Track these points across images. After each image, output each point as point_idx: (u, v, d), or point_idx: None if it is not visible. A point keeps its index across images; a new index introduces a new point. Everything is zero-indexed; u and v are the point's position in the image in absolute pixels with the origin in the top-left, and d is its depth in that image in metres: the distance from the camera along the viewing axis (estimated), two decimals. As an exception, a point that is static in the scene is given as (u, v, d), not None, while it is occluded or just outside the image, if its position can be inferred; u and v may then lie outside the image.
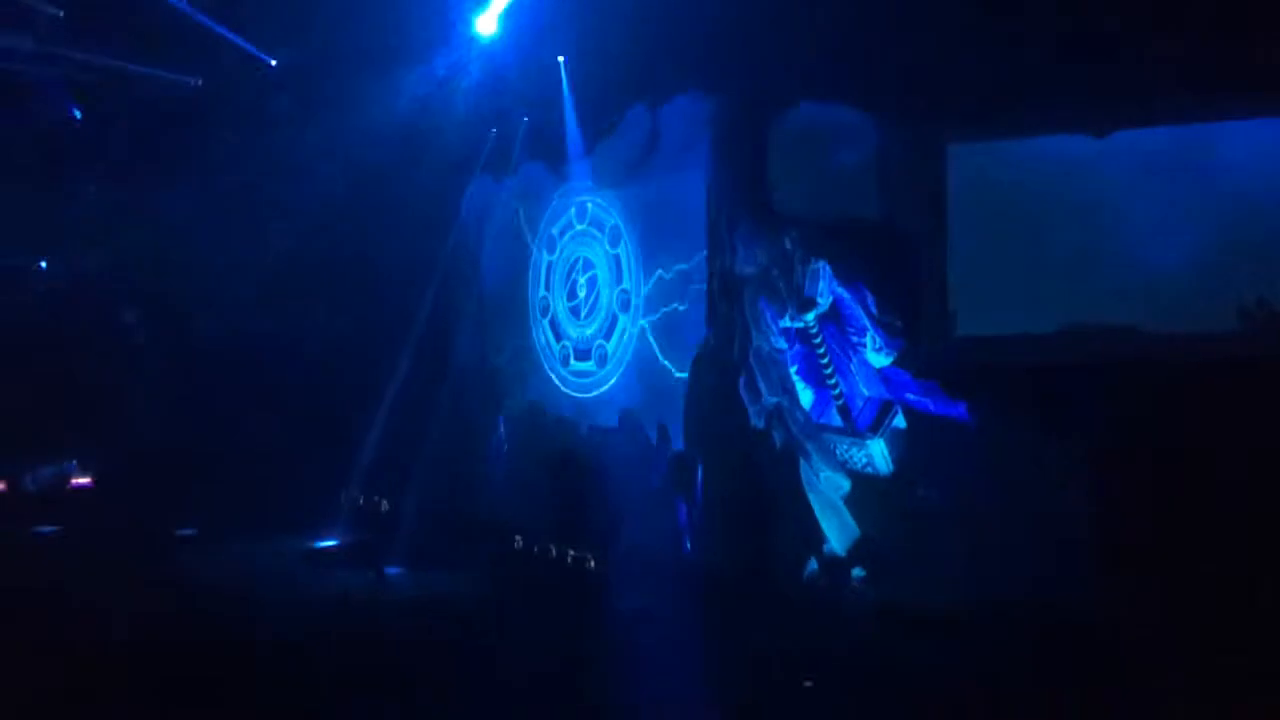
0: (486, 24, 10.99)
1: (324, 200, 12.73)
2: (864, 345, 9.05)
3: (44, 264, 13.86)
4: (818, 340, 9.34)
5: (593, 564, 9.66)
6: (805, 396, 9.47)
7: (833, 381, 9.31)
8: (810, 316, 9.30)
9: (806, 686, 6.04)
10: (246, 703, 6.83)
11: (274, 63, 11.63)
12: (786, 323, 9.46)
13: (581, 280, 11.84)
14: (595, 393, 11.54)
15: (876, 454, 9.09)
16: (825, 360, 9.31)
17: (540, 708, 6.92)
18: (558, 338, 12.11)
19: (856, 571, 9.11)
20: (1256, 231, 7.39)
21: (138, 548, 10.87)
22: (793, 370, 9.50)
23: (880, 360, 8.91)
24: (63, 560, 10.43)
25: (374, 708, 6.86)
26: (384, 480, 13.09)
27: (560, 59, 11.26)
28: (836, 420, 9.30)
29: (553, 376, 12.15)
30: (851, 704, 6.77)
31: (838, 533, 9.30)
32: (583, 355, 11.73)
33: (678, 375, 10.44)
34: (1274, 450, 6.88)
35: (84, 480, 13.24)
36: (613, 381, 11.31)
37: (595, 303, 11.64)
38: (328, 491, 13.08)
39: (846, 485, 9.30)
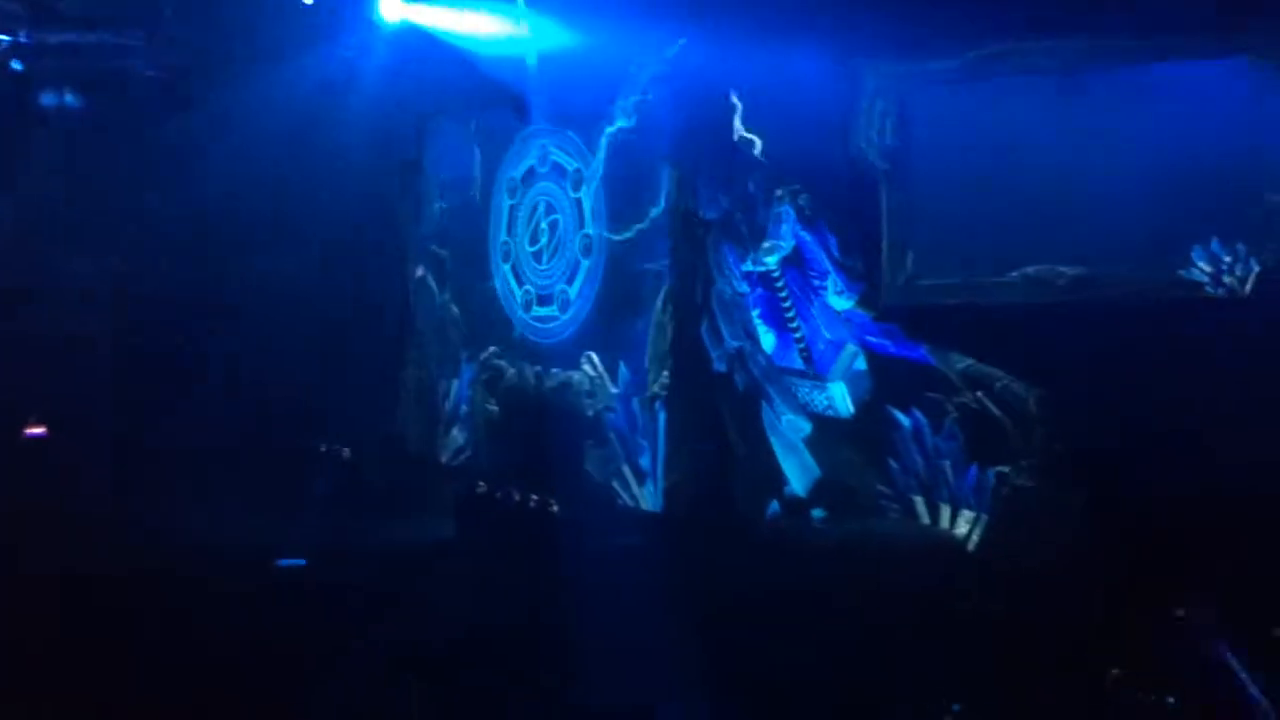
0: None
1: (273, 146, 12.51)
2: (825, 288, 9.08)
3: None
4: (780, 284, 9.34)
5: (555, 508, 9.69)
6: (767, 340, 9.50)
7: (794, 325, 9.34)
8: (772, 260, 9.29)
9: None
10: (202, 650, 6.82)
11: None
12: (749, 266, 9.45)
13: (544, 224, 11.74)
14: (558, 338, 11.49)
15: (837, 397, 9.16)
16: (787, 304, 9.33)
17: (504, 650, 6.97)
18: (520, 283, 12.03)
19: (817, 513, 9.22)
20: (1216, 175, 7.43)
21: (91, 497, 10.76)
22: (755, 314, 9.51)
23: (842, 303, 8.94)
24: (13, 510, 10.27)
25: (335, 654, 6.88)
26: (345, 428, 13.02)
27: (520, -4, 11.06)
28: (798, 363, 9.35)
29: (514, 322, 12.08)
30: (811, 640, 6.87)
31: (799, 475, 9.39)
32: (545, 300, 11.67)
33: (640, 319, 10.41)
34: (1230, 390, 6.98)
35: (38, 430, 13.04)
36: (576, 326, 11.27)
37: (558, 247, 11.55)
38: (288, 440, 12.99)
39: (808, 428, 9.38)
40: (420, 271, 13.20)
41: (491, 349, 12.28)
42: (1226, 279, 7.24)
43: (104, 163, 13.17)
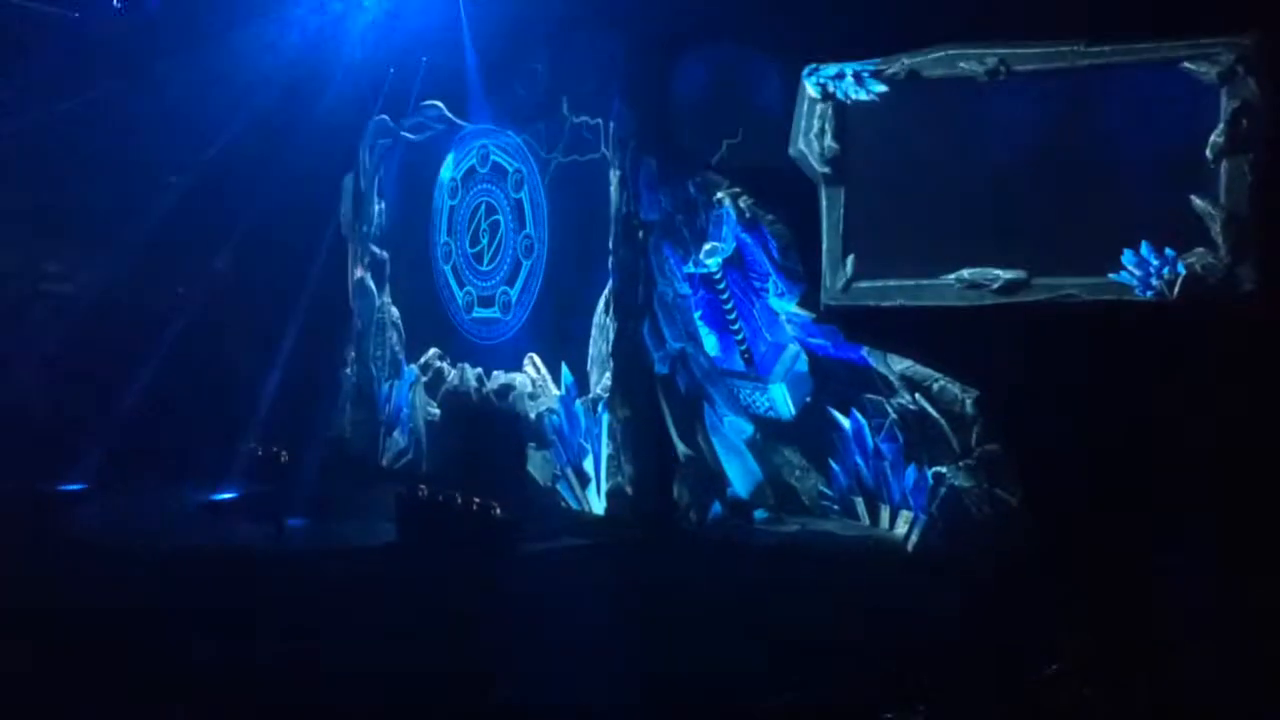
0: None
1: (212, 144, 12.31)
2: (767, 290, 9.13)
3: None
4: (721, 285, 9.38)
5: (498, 510, 9.62)
6: (709, 342, 9.53)
7: (736, 327, 9.38)
8: (714, 262, 9.32)
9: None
10: (141, 661, 6.67)
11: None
12: (690, 268, 9.47)
13: (484, 226, 11.68)
14: (499, 340, 11.44)
15: (778, 398, 9.23)
16: (729, 305, 9.37)
17: (446, 652, 6.91)
18: (460, 285, 11.95)
19: (759, 513, 9.28)
20: (1146, 179, 7.60)
21: (21, 504, 10.47)
22: (697, 315, 9.53)
23: (783, 305, 8.99)
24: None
25: (278, 661, 6.77)
26: (284, 430, 12.83)
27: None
28: (740, 365, 9.39)
29: (456, 324, 12.00)
30: (754, 640, 6.90)
31: (741, 476, 9.44)
32: (486, 302, 11.61)
33: (582, 321, 10.39)
34: (1159, 389, 7.14)
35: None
36: (517, 328, 11.23)
37: (498, 249, 11.49)
38: (226, 443, 12.78)
39: (749, 429, 9.44)
40: (360, 273, 13.07)
41: (432, 351, 12.20)
42: (1155, 282, 7.41)
43: (36, 162, 12.88)
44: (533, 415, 10.90)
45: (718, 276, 9.36)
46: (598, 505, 10.24)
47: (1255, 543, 6.62)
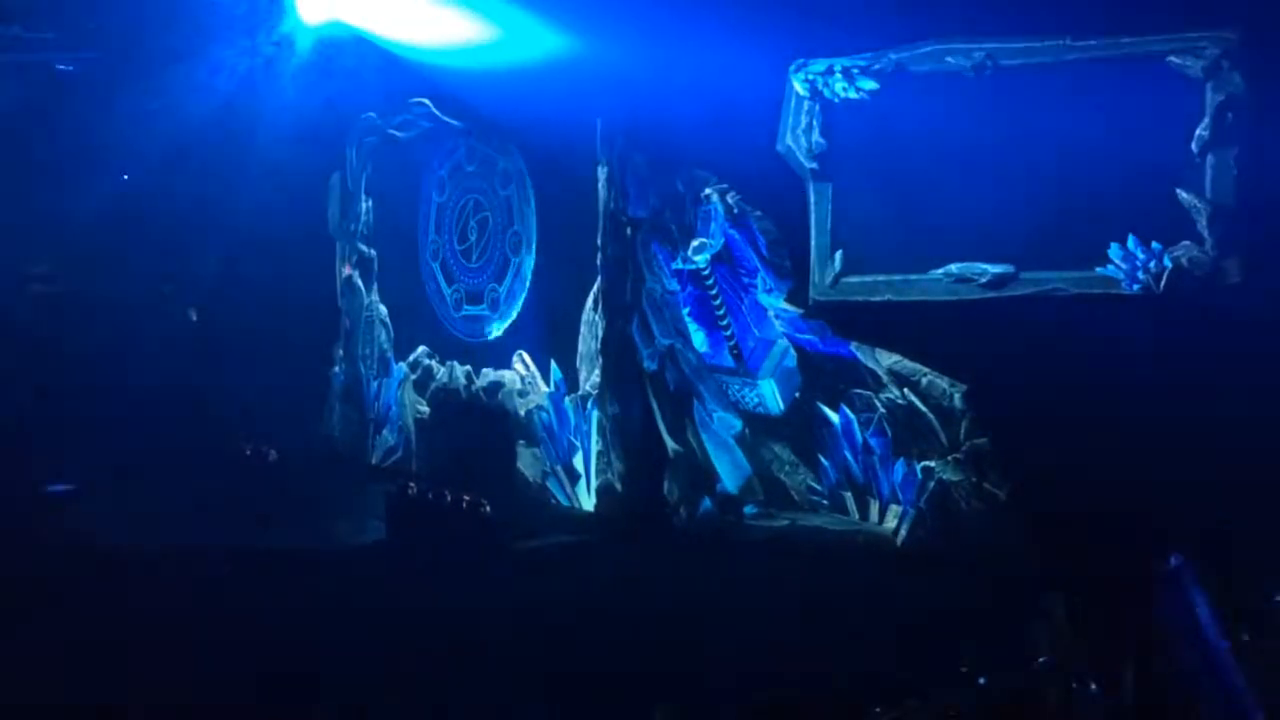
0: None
1: (199, 143, 12.27)
2: (755, 286, 9.14)
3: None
4: (710, 282, 9.38)
5: (488, 509, 9.62)
6: (698, 338, 9.54)
7: (725, 323, 9.39)
8: (702, 258, 9.33)
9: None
10: (137, 664, 6.66)
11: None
12: (679, 264, 9.48)
13: (472, 223, 11.65)
14: (488, 337, 11.42)
15: (767, 394, 9.24)
16: (717, 302, 9.38)
17: (437, 652, 6.91)
18: (449, 282, 11.92)
19: (748, 509, 9.28)
20: (1132, 173, 7.61)
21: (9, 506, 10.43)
22: (685, 312, 9.54)
23: (771, 301, 9.01)
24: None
25: (268, 661, 6.76)
26: (272, 429, 12.80)
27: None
28: (728, 361, 9.40)
29: (445, 321, 11.98)
30: (743, 637, 6.91)
31: (731, 472, 9.44)
32: (475, 299, 11.59)
33: (571, 318, 10.39)
34: (1146, 382, 7.16)
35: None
36: (505, 326, 11.21)
37: (487, 245, 11.48)
38: (214, 442, 12.74)
39: (738, 425, 9.44)
40: (348, 271, 13.03)
41: (421, 348, 12.17)
42: (1141, 276, 7.44)
43: (20, 159, 12.80)
44: (522, 412, 10.88)
45: (706, 273, 9.37)
46: (587, 502, 10.24)
47: (1244, 539, 6.64)
